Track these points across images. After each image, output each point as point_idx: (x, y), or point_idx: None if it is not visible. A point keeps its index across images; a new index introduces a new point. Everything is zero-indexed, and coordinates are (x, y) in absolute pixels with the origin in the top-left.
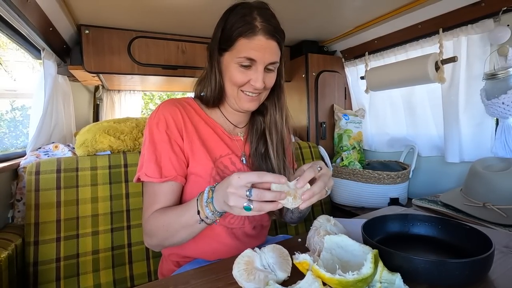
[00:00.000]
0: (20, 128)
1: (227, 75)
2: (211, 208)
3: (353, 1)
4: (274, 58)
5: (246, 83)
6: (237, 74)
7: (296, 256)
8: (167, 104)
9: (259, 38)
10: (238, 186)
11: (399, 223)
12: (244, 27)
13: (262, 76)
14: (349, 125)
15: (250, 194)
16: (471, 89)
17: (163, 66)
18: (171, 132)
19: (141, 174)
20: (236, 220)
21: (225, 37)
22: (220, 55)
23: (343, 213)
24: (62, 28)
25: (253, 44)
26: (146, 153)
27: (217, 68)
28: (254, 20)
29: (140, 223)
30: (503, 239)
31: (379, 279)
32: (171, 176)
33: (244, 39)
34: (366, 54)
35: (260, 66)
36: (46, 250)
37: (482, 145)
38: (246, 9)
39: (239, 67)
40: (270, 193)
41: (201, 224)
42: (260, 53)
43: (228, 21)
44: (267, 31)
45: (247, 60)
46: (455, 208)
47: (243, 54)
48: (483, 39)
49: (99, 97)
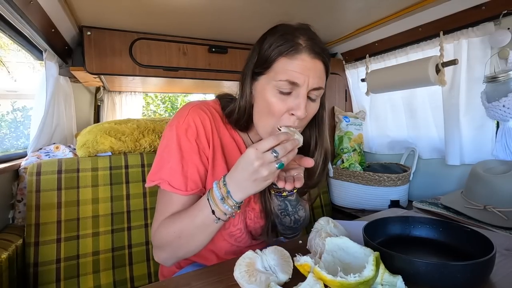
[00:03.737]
0: (21, 129)
1: (262, 104)
2: (230, 203)
3: (354, 4)
4: (319, 82)
5: (284, 113)
6: (274, 102)
7: (298, 258)
8: (197, 109)
9: (303, 57)
10: (261, 156)
11: (400, 225)
12: (286, 45)
13: (305, 103)
14: (350, 127)
15: (276, 153)
16: (471, 91)
17: (164, 67)
18: (200, 142)
19: (163, 182)
20: (242, 235)
21: (262, 59)
22: (255, 79)
23: (343, 215)
24: (64, 30)
25: (295, 64)
26: (171, 160)
27: (248, 95)
28: (297, 38)
29: (140, 224)
30: (504, 241)
31: (380, 282)
32: (197, 189)
33: (285, 58)
34: (367, 57)
35: (303, 91)
36: (47, 251)
37: (483, 148)
38: (287, 28)
39: (277, 93)
40: (289, 143)
41: (218, 223)
42: (304, 75)
43: (266, 41)
44: (313, 50)
45: (288, 84)
46: (456, 211)
47: (283, 76)
48: (484, 42)
49: (100, 98)
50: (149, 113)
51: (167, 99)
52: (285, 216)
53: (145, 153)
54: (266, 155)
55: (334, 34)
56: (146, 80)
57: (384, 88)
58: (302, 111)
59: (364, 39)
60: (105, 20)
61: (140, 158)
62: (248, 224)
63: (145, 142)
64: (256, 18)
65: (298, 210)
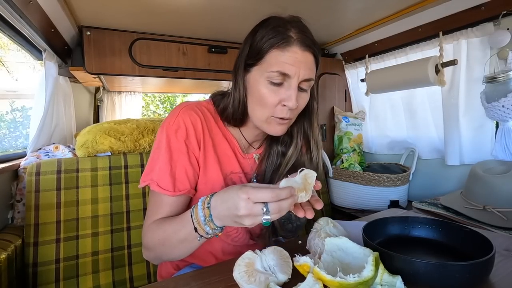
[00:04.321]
0: (20, 129)
1: (255, 95)
2: (211, 226)
3: (353, 4)
4: (310, 74)
5: (277, 104)
6: (266, 93)
7: (297, 258)
8: (188, 109)
9: (294, 49)
10: (250, 207)
11: (400, 225)
12: (277, 37)
13: (296, 94)
14: (349, 128)
15: (267, 210)
16: (471, 92)
17: (164, 67)
18: (189, 143)
19: (152, 183)
20: (239, 235)
21: (254, 50)
22: (247, 71)
23: (343, 215)
24: (63, 30)
25: (287, 56)
26: (160, 161)
27: (241, 86)
28: (288, 31)
29: (140, 224)
30: (503, 242)
31: (380, 282)
32: (185, 190)
33: (277, 50)
34: (366, 57)
35: (294, 82)
36: (46, 251)
37: (482, 148)
38: (278, 21)
39: (269, 85)
40: (287, 202)
41: (201, 240)
42: (295, 67)
43: (258, 33)
44: (304, 42)
45: (280, 75)
46: (455, 211)
47: (275, 67)
48: (483, 43)
49: (100, 98)
50: (148, 113)
51: (167, 99)
52: (288, 223)
53: (144, 153)
54: (255, 207)
55: (334, 34)
56: (146, 80)
57: (383, 89)
58: (293, 102)
59: (363, 39)
60: (104, 20)
61: (139, 158)
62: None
63: (145, 142)
64: (256, 18)
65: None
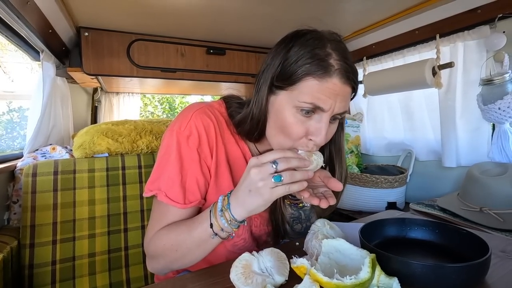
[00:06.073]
0: (17, 130)
1: (278, 121)
2: (227, 216)
3: (351, 6)
4: (345, 107)
5: (302, 136)
6: (293, 123)
7: (294, 260)
8: (200, 113)
9: (334, 81)
10: (260, 164)
11: (397, 227)
12: (316, 65)
13: (327, 129)
14: (347, 129)
15: (276, 165)
16: (467, 94)
17: (162, 69)
18: (202, 151)
19: (160, 193)
20: (246, 244)
21: (286, 73)
22: (273, 93)
23: (340, 217)
24: (61, 30)
25: (324, 88)
26: (169, 169)
27: (263, 105)
28: (328, 57)
29: (137, 225)
30: (499, 243)
31: (376, 283)
32: (196, 201)
33: (314, 79)
34: (364, 59)
35: (326, 116)
36: (42, 252)
37: (479, 150)
38: (317, 41)
39: (297, 113)
40: (296, 159)
41: (215, 239)
42: (331, 100)
43: (292, 51)
44: (345, 74)
45: (312, 107)
46: (452, 213)
47: (308, 98)
48: (480, 45)
49: (98, 99)
50: (147, 115)
51: (165, 100)
52: (297, 223)
53: (142, 155)
54: (264, 165)
55: None
56: (144, 81)
57: (381, 90)
58: (323, 137)
59: (361, 42)
60: (102, 21)
61: (137, 160)
62: (253, 232)
63: (142, 143)
64: (254, 20)
65: (310, 218)
